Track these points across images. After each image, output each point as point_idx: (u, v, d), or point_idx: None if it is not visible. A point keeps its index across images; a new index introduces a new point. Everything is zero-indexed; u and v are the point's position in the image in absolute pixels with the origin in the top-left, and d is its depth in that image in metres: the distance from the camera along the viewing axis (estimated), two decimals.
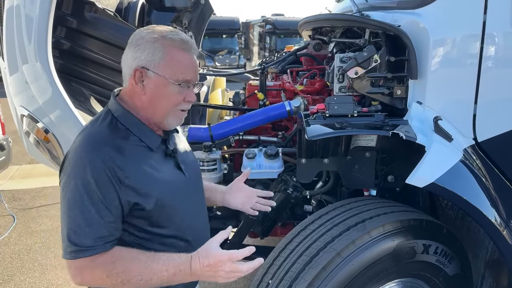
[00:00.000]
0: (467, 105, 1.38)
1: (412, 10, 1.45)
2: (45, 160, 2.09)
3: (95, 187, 0.95)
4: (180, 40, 1.05)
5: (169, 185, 1.09)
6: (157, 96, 1.05)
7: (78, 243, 0.95)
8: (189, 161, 1.23)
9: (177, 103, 1.07)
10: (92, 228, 0.95)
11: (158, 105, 1.06)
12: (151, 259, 0.99)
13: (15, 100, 1.84)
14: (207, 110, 2.25)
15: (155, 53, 1.02)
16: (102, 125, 1.04)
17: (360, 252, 1.27)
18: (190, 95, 1.09)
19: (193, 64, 1.08)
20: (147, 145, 1.07)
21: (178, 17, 2.67)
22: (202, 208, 1.27)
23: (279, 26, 15.28)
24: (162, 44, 1.03)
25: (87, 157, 0.97)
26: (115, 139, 1.02)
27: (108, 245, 0.97)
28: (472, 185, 1.33)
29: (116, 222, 0.99)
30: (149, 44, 1.02)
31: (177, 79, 1.04)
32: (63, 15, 1.89)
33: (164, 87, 1.04)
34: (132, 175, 1.00)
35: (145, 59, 1.02)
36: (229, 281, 1.04)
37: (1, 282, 2.72)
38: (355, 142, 1.59)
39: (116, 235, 1.00)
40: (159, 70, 1.03)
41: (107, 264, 0.96)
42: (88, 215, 0.95)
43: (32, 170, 4.97)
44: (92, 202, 0.95)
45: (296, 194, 1.74)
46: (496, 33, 1.34)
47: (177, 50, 1.04)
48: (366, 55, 1.48)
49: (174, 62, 1.04)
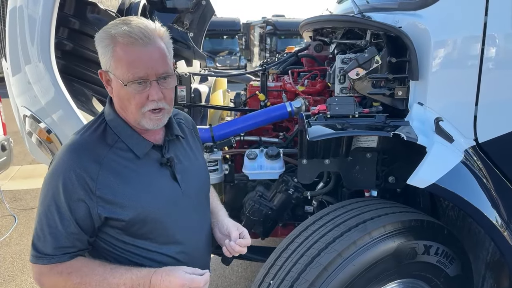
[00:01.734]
0: (468, 106, 1.39)
1: (413, 11, 1.46)
2: (47, 161, 2.09)
3: (63, 198, 0.94)
4: (123, 33, 0.91)
5: (157, 197, 1.02)
6: (121, 98, 0.98)
7: (39, 249, 0.96)
8: (192, 173, 1.12)
9: (140, 104, 0.96)
10: (53, 238, 0.95)
11: (126, 108, 0.99)
12: (108, 272, 0.96)
13: (17, 100, 1.84)
14: (208, 111, 2.25)
15: (106, 53, 0.94)
16: (89, 131, 1.01)
17: (361, 253, 1.28)
18: (152, 93, 0.95)
19: (144, 57, 0.93)
20: (133, 153, 1.01)
21: (179, 18, 2.68)
22: (202, 222, 1.17)
23: (279, 27, 15.30)
24: (110, 41, 0.93)
25: (62, 166, 0.96)
26: (96, 149, 0.98)
27: (66, 256, 0.96)
28: (473, 186, 1.33)
29: (79, 234, 0.96)
30: (101, 44, 0.95)
31: (129, 78, 0.93)
32: (65, 16, 1.90)
33: (122, 87, 0.95)
34: (105, 186, 0.96)
35: (102, 61, 0.97)
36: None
37: (2, 282, 2.73)
38: (356, 143, 1.59)
39: (80, 246, 0.98)
40: (113, 71, 0.95)
41: (63, 274, 0.96)
42: (52, 224, 0.95)
43: (33, 171, 4.98)
44: (58, 212, 0.95)
45: (297, 195, 1.75)
46: (497, 34, 1.34)
47: (122, 46, 0.92)
48: (367, 56, 1.49)
49: (121, 61, 0.93)
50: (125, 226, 1.00)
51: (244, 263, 2.91)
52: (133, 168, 1.01)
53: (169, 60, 1.00)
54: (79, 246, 0.98)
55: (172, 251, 1.06)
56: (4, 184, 4.50)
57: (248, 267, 2.88)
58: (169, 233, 1.06)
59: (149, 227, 1.02)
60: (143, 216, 1.00)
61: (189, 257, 1.09)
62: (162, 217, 1.03)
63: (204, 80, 2.68)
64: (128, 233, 1.01)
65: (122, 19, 0.97)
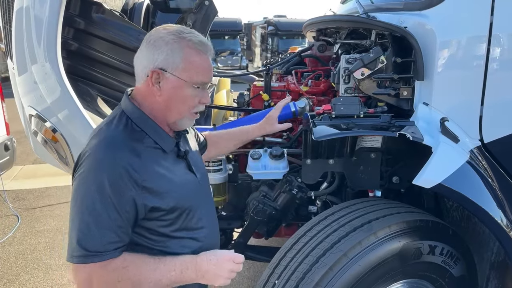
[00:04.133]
0: (474, 106, 1.39)
1: (419, 11, 1.46)
2: (52, 160, 2.10)
3: (109, 192, 0.94)
4: (199, 42, 1.04)
5: (184, 187, 1.09)
6: (173, 98, 1.05)
7: (87, 247, 0.93)
8: (198, 163, 1.23)
9: (193, 105, 1.08)
10: (102, 233, 0.94)
11: (174, 107, 1.06)
12: (158, 261, 1.01)
13: (23, 100, 1.85)
14: (212, 111, 2.26)
15: (173, 55, 1.01)
16: (118, 127, 1.03)
17: (366, 253, 1.28)
18: (205, 97, 1.09)
19: (210, 66, 1.08)
20: (161, 148, 1.07)
21: (182, 18, 2.69)
22: (212, 209, 1.28)
23: (281, 28, 15.32)
24: (181, 45, 1.02)
25: (103, 161, 0.96)
26: (131, 142, 1.01)
27: (117, 251, 0.97)
28: (478, 186, 1.33)
29: (125, 227, 0.98)
30: (168, 45, 1.01)
31: (195, 81, 1.04)
32: (70, 16, 1.90)
33: (181, 89, 1.04)
34: (149, 178, 0.99)
35: (163, 61, 1.01)
36: (226, 283, 1.07)
37: (6, 282, 2.73)
38: (361, 143, 1.59)
39: (126, 241, 0.99)
40: (177, 72, 1.02)
41: (118, 270, 0.96)
42: (99, 220, 0.94)
43: (36, 170, 4.99)
44: (105, 207, 0.94)
45: (301, 195, 1.75)
46: (503, 34, 1.34)
47: (195, 52, 1.03)
48: (372, 56, 1.49)
49: (193, 65, 1.03)
50: (163, 216, 1.04)
51: (247, 263, 2.91)
52: (163, 162, 1.06)
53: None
54: (125, 240, 0.99)
55: (201, 235, 1.14)
56: (7, 183, 4.51)
57: (251, 267, 2.88)
58: (197, 219, 1.13)
59: (184, 215, 1.09)
60: (180, 205, 1.07)
61: (210, 239, 1.18)
62: (192, 204, 1.11)
63: None
64: (165, 224, 1.06)
65: (187, 30, 1.06)
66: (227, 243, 1.97)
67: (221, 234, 1.95)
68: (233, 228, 2.00)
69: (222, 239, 1.96)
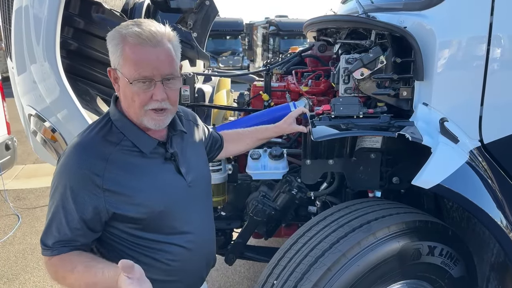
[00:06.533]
0: (473, 106, 1.38)
1: (419, 11, 1.45)
2: (52, 160, 2.10)
3: (69, 195, 0.98)
4: (134, 34, 0.95)
5: (161, 189, 1.06)
6: (126, 96, 1.01)
7: (44, 242, 1.01)
8: (194, 165, 1.17)
9: (143, 103, 0.99)
10: (58, 232, 0.99)
11: (130, 106, 1.02)
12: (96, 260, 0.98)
13: (22, 99, 1.85)
14: (212, 111, 2.26)
15: (115, 51, 0.98)
16: (95, 130, 1.04)
17: (365, 253, 1.27)
18: (156, 93, 0.99)
19: (151, 58, 0.96)
20: (140, 150, 1.04)
21: (183, 18, 2.69)
22: (206, 213, 1.23)
23: (282, 28, 15.31)
24: (120, 40, 0.97)
25: (68, 164, 0.99)
26: (101, 147, 1.01)
27: (65, 248, 0.99)
28: (478, 187, 1.32)
29: (83, 229, 0.99)
30: (111, 43, 0.99)
31: (135, 76, 0.96)
32: (70, 16, 1.91)
33: (127, 86, 0.98)
34: (111, 181, 0.98)
35: (111, 58, 1.00)
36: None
37: (6, 281, 2.74)
38: (360, 144, 1.59)
39: (82, 241, 1.01)
40: (121, 68, 0.98)
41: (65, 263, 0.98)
42: (57, 219, 0.99)
43: (36, 170, 5.00)
44: (64, 209, 0.98)
45: (300, 195, 1.75)
46: (503, 35, 1.33)
47: (131, 45, 0.96)
48: (372, 56, 1.48)
49: (129, 58, 0.96)
50: (133, 220, 1.03)
51: (247, 263, 2.91)
52: (138, 164, 1.04)
53: (176, 63, 1.03)
54: (81, 241, 1.01)
55: (181, 241, 1.11)
56: (7, 183, 4.52)
57: (251, 267, 2.88)
58: (177, 224, 1.10)
59: (157, 220, 1.06)
60: (150, 210, 1.03)
61: (197, 245, 1.14)
62: (169, 209, 1.07)
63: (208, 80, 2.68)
64: (137, 227, 1.05)
65: (134, 21, 1.01)
66: (227, 243, 1.97)
67: (221, 234, 1.95)
68: (233, 228, 2.00)
69: (222, 239, 1.96)
